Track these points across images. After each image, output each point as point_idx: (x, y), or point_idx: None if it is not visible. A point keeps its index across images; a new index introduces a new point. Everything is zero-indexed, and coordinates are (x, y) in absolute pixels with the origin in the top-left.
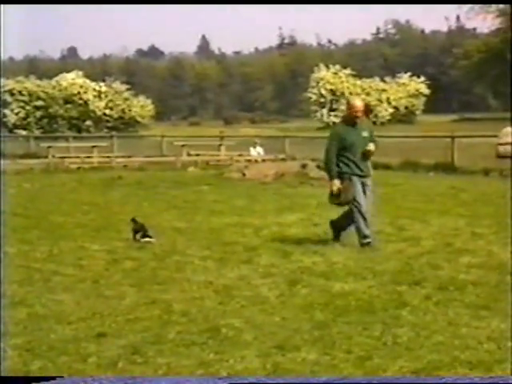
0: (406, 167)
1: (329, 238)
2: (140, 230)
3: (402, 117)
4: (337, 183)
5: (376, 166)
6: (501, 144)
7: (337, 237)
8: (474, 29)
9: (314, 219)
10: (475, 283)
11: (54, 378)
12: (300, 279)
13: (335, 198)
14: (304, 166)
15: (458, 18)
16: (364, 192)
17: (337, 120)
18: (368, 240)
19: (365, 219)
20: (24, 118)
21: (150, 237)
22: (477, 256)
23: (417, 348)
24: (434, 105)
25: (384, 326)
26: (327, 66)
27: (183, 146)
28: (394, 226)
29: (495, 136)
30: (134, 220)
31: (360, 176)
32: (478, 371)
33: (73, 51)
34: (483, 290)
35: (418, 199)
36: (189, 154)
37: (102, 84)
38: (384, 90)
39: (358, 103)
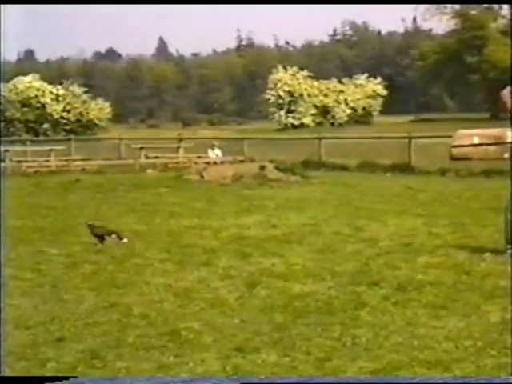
0: (364, 168)
1: (289, 238)
2: (108, 233)
3: (360, 118)
4: None
5: (334, 167)
6: (455, 146)
7: None
8: (430, 30)
9: (272, 221)
10: (433, 283)
11: (54, 378)
12: (259, 281)
13: None
14: (263, 168)
15: (414, 19)
16: None
17: (295, 121)
18: None
19: None
20: None
21: (122, 238)
22: (434, 256)
23: (376, 348)
24: (391, 106)
25: (343, 326)
26: (285, 68)
27: (141, 148)
28: (352, 226)
29: (452, 136)
30: (90, 225)
31: None
32: (436, 371)
33: (30, 54)
34: (441, 289)
35: (375, 200)
36: (147, 157)
37: (59, 87)
38: (341, 91)
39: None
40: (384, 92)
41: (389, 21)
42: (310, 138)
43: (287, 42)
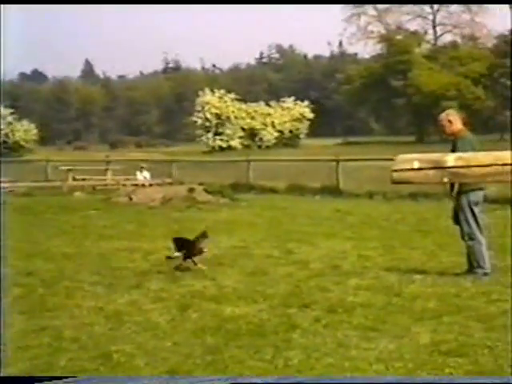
0: (293, 191)
1: (220, 261)
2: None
3: (287, 140)
4: None
5: (263, 190)
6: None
7: None
8: (356, 54)
9: None
10: (363, 305)
11: (54, 378)
12: (191, 304)
13: None
14: (191, 190)
15: (340, 43)
16: None
17: (222, 144)
18: None
19: None
20: None
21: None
22: (364, 278)
23: (307, 370)
24: (318, 129)
25: (275, 349)
26: (212, 91)
27: (69, 170)
28: (283, 249)
29: (379, 159)
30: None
31: None
32: None
33: None
34: (371, 311)
35: (305, 222)
36: (75, 179)
37: None
38: (269, 114)
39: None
40: (311, 115)
41: (315, 44)
42: (238, 160)
43: (214, 65)
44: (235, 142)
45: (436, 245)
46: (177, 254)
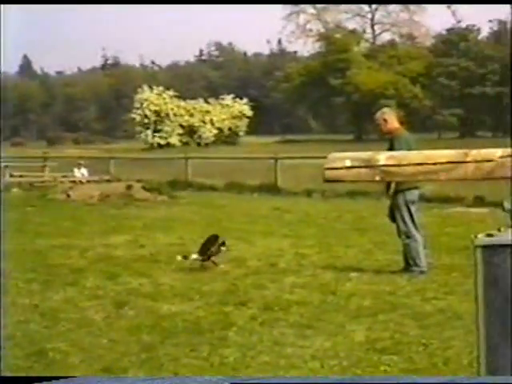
0: (231, 188)
1: (157, 258)
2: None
3: (226, 138)
4: None
5: (201, 188)
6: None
7: None
8: (295, 52)
9: (140, 240)
10: (299, 303)
11: (55, 378)
12: (127, 301)
13: None
14: (129, 188)
15: (279, 41)
16: None
17: (161, 141)
18: None
19: None
20: None
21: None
22: (301, 276)
23: (243, 368)
24: (257, 126)
25: (211, 346)
26: (151, 87)
27: (6, 166)
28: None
29: (317, 157)
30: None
31: None
32: None
33: None
34: (307, 309)
35: (243, 220)
36: (12, 175)
37: None
38: (208, 112)
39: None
40: (250, 113)
41: (254, 42)
42: (177, 157)
43: (153, 62)
44: (174, 139)
45: (373, 243)
46: (194, 256)
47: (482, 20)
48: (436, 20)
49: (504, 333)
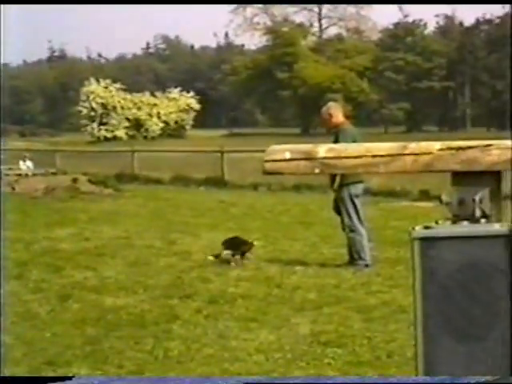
0: (177, 182)
1: (102, 251)
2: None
3: (173, 131)
4: None
5: (147, 181)
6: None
7: None
8: (243, 45)
9: (85, 234)
10: (244, 296)
11: (53, 378)
12: (71, 294)
13: None
14: (75, 181)
15: (226, 34)
16: None
17: (107, 134)
18: None
19: None
20: None
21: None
22: (246, 269)
23: (188, 361)
24: (203, 120)
25: (155, 339)
26: (98, 80)
27: None
28: (165, 240)
29: (263, 151)
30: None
31: None
32: None
33: None
34: (252, 302)
35: (188, 213)
36: None
37: None
38: (155, 105)
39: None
40: (197, 106)
41: (201, 36)
42: (123, 150)
43: (99, 55)
44: (120, 133)
45: (318, 236)
46: (226, 252)
47: (429, 15)
48: (383, 14)
49: (442, 325)
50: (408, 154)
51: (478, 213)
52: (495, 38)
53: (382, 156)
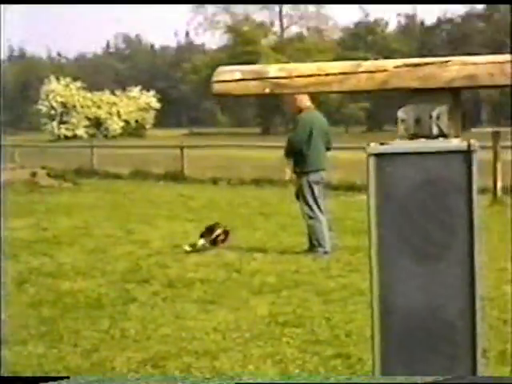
0: (136, 177)
1: (60, 240)
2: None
3: (133, 130)
4: None
5: (106, 176)
6: (216, 82)
7: None
8: (203, 45)
9: (43, 224)
10: (203, 280)
11: (55, 379)
12: (28, 279)
13: None
14: (34, 174)
15: (187, 33)
16: None
17: (68, 133)
18: None
19: None
20: None
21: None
22: (205, 256)
23: (144, 340)
24: (164, 119)
25: (112, 320)
26: (58, 79)
27: None
28: (124, 229)
29: (224, 146)
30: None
31: None
32: (204, 360)
33: None
34: (210, 286)
35: (147, 206)
36: None
37: None
38: (114, 104)
39: None
40: (157, 105)
41: (162, 35)
42: (82, 146)
43: (59, 54)
44: (80, 131)
45: (278, 226)
46: (201, 241)
47: (391, 14)
48: (343, 13)
49: (399, 245)
50: (363, 72)
51: (435, 130)
52: (456, 38)
53: (335, 74)
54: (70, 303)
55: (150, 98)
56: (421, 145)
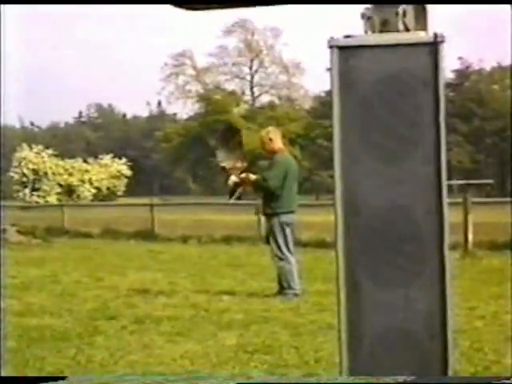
0: (107, 235)
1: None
2: None
3: (105, 197)
4: None
5: (77, 234)
6: None
7: None
8: (175, 114)
9: (11, 272)
10: (171, 318)
11: (54, 379)
12: None
13: None
14: (4, 231)
15: (159, 103)
16: None
17: (39, 200)
18: None
19: None
20: None
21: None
22: (173, 298)
23: (111, 365)
24: (135, 188)
25: (78, 349)
26: (30, 146)
27: None
28: (93, 277)
29: (195, 203)
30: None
31: None
32: None
33: None
34: (178, 322)
35: (117, 259)
36: None
37: None
38: (86, 171)
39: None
40: (128, 172)
41: (134, 104)
42: (52, 205)
43: (32, 123)
44: (52, 198)
45: (247, 275)
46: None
47: None
48: (315, 82)
49: (361, 140)
50: None
51: (401, 27)
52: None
53: None
54: (37, 337)
55: (121, 166)
56: (386, 37)
